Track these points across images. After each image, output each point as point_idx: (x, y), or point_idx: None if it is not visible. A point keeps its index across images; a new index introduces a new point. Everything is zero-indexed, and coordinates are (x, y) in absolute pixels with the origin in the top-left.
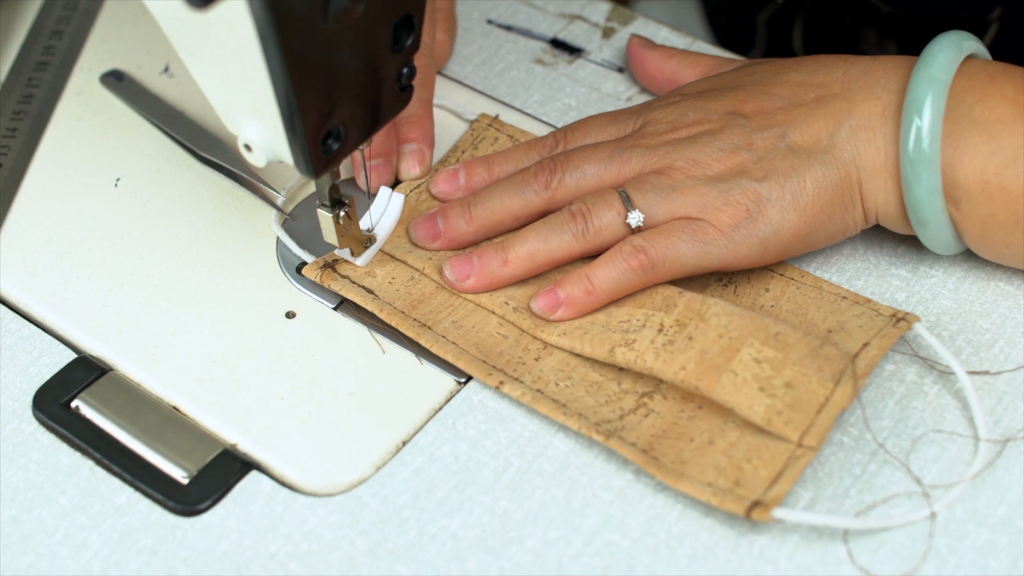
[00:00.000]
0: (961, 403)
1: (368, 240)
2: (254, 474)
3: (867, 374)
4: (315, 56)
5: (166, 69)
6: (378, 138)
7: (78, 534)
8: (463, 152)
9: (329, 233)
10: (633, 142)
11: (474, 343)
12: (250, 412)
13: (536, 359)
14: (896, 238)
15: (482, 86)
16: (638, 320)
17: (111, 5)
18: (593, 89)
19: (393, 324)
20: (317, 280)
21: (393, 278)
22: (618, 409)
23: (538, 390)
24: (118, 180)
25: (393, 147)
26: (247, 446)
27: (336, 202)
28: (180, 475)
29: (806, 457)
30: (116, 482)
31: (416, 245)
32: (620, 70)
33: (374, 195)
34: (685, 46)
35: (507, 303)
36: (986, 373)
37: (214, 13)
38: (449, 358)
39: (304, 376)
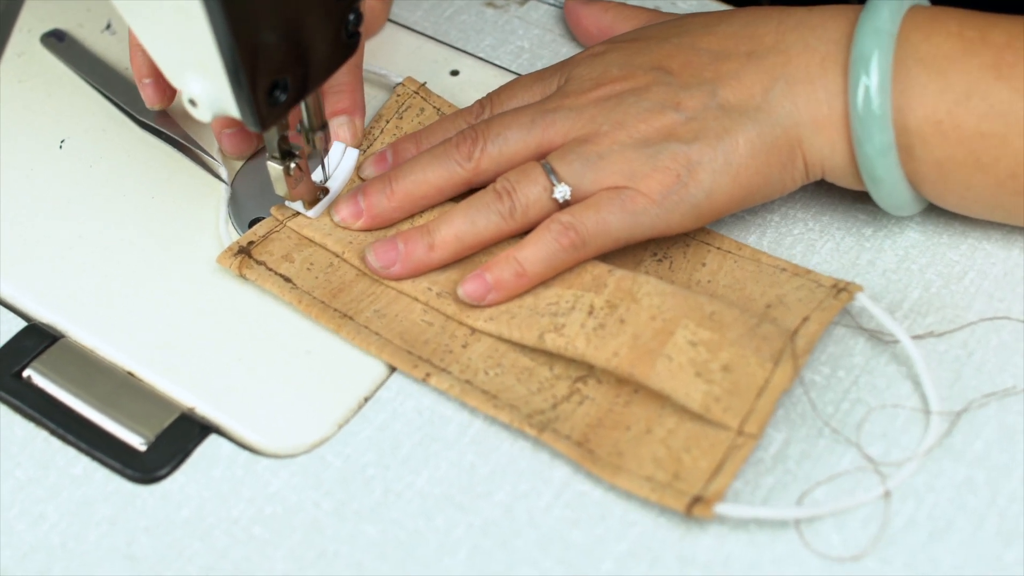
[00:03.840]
0: (912, 373)
1: (320, 192)
2: (213, 437)
3: (808, 352)
4: (258, 6)
5: (108, 27)
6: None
7: (34, 507)
8: (387, 121)
9: (279, 185)
10: (556, 103)
11: (398, 332)
12: (207, 374)
13: (464, 346)
14: None
15: (432, 31)
16: (567, 302)
17: None
18: (546, 31)
19: (313, 316)
20: (232, 270)
21: (312, 264)
22: (551, 397)
23: (467, 381)
24: (63, 142)
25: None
26: (205, 409)
27: (286, 153)
28: (137, 442)
29: (747, 446)
30: (72, 452)
31: (338, 226)
32: None
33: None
34: None
35: (430, 288)
36: (931, 335)
37: None
38: (372, 351)
39: (261, 335)
